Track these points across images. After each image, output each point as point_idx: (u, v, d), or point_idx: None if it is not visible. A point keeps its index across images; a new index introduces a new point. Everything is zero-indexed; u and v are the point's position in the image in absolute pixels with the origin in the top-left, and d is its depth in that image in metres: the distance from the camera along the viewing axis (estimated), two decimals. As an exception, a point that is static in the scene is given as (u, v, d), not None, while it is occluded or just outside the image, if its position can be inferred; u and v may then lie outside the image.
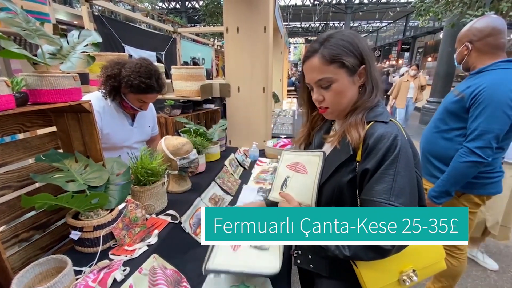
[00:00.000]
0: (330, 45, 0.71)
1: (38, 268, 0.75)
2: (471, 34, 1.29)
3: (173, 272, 0.88)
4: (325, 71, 0.72)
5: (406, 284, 0.73)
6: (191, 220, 1.17)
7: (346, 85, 0.73)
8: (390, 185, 0.65)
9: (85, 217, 0.90)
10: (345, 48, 0.71)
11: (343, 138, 0.74)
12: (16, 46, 0.75)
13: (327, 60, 0.71)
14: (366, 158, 0.69)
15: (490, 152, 1.23)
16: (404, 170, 0.66)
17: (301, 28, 22.22)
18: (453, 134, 1.38)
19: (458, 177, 1.30)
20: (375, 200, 0.66)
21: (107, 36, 3.22)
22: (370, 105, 0.74)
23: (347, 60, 0.70)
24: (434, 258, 0.78)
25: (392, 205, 0.64)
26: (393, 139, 0.66)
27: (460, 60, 1.37)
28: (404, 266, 0.74)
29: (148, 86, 1.26)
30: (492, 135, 1.20)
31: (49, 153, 0.91)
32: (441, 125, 1.43)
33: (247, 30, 1.98)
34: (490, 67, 1.27)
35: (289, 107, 5.10)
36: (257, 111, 2.17)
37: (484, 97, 1.21)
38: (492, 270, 2.11)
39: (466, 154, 1.26)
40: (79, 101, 0.90)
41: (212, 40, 7.91)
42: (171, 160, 1.26)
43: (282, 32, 4.03)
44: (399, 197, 0.65)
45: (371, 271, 0.72)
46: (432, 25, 9.42)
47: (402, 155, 0.66)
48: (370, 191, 0.68)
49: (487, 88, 1.21)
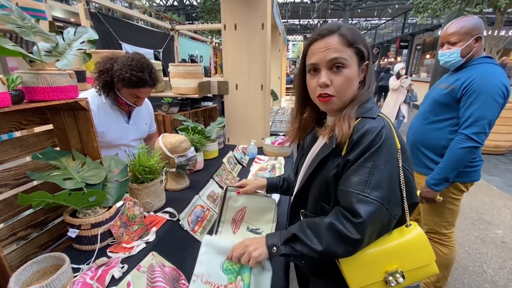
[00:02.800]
0: (348, 30, 0.70)
1: (36, 266, 0.75)
2: (480, 28, 1.35)
3: (171, 269, 0.88)
4: (343, 52, 0.69)
5: (391, 284, 0.70)
6: (189, 217, 1.17)
7: (355, 74, 0.71)
8: (366, 177, 0.64)
9: (82, 215, 0.90)
10: (360, 37, 0.71)
11: (332, 134, 0.72)
12: (11, 44, 0.75)
13: (347, 41, 0.68)
14: (350, 152, 0.68)
15: (484, 137, 1.32)
16: (384, 164, 0.65)
17: (300, 25, 22.14)
18: (444, 124, 1.46)
19: (457, 163, 1.37)
20: (350, 191, 0.66)
21: (104, 34, 3.19)
22: (364, 98, 0.73)
23: (361, 49, 0.70)
24: (423, 260, 0.74)
25: (367, 197, 0.64)
26: (377, 133, 0.66)
27: (467, 53, 1.38)
28: (388, 265, 0.71)
29: (140, 79, 1.25)
30: (486, 121, 1.30)
31: (46, 151, 0.91)
32: (431, 116, 1.51)
33: (245, 27, 1.97)
34: (474, 62, 1.39)
35: (288, 104, 5.10)
36: (255, 109, 2.16)
37: (476, 87, 1.31)
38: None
39: (463, 140, 1.34)
40: (76, 99, 0.90)
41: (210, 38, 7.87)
42: (169, 157, 1.26)
43: (280, 29, 4.01)
44: (375, 190, 0.64)
45: (353, 269, 0.71)
46: (430, 22, 9.41)
47: (384, 149, 0.65)
48: (346, 181, 0.67)
49: (477, 79, 1.31)
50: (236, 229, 1.10)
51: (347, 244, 0.65)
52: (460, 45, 1.38)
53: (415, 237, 0.73)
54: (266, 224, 1.12)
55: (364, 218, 0.63)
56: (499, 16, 4.52)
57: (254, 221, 1.12)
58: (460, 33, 1.37)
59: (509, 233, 2.57)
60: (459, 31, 1.37)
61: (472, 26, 1.35)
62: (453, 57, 1.41)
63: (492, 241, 2.46)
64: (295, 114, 0.91)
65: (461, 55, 1.39)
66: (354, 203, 0.64)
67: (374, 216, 0.64)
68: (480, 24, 1.36)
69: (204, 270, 0.81)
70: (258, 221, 1.12)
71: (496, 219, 2.82)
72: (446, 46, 1.44)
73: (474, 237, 2.50)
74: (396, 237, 0.73)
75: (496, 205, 3.09)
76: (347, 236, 0.64)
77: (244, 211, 1.12)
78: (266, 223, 1.12)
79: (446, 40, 1.43)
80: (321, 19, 19.14)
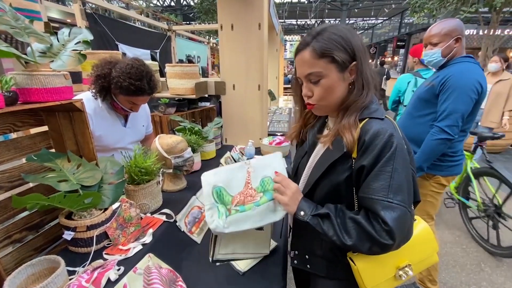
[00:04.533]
0: (322, 38, 0.69)
1: (31, 269, 0.75)
2: (460, 29, 1.44)
3: (168, 271, 0.88)
4: (315, 65, 0.70)
5: (402, 279, 0.73)
6: (186, 218, 1.16)
7: (335, 81, 0.71)
8: (388, 182, 0.65)
9: (78, 217, 0.90)
10: (336, 42, 0.69)
11: (336, 139, 0.73)
12: (4, 45, 0.74)
13: (317, 54, 0.69)
14: (363, 155, 0.68)
15: (457, 130, 1.42)
16: (402, 167, 0.66)
17: (297, 25, 22.17)
18: (425, 119, 1.55)
19: (430, 153, 1.48)
20: (374, 198, 0.65)
21: (100, 34, 3.18)
22: (362, 105, 0.72)
23: (337, 55, 0.68)
24: (428, 252, 0.79)
25: (391, 202, 0.64)
26: (389, 136, 0.66)
27: (447, 53, 1.47)
28: (400, 261, 0.74)
29: (138, 89, 1.22)
30: (459, 114, 1.39)
31: (41, 152, 0.90)
32: (414, 112, 1.61)
33: (242, 27, 1.97)
34: (455, 61, 1.47)
35: (285, 104, 5.10)
36: (252, 109, 2.16)
37: (452, 83, 1.40)
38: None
39: (437, 132, 1.44)
40: (71, 100, 0.89)
41: (207, 38, 7.86)
42: (166, 158, 1.26)
43: (278, 29, 4.02)
44: (398, 194, 0.64)
45: (368, 268, 0.72)
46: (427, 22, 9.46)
47: (399, 152, 0.66)
48: (368, 188, 0.67)
49: (454, 76, 1.40)
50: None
51: (375, 245, 0.65)
52: (441, 46, 1.47)
53: (422, 231, 0.78)
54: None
55: (392, 226, 0.63)
56: (495, 16, 4.55)
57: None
58: (441, 34, 1.46)
59: (506, 232, 2.58)
60: (439, 33, 1.46)
61: (452, 28, 1.44)
62: (435, 56, 1.49)
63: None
64: (298, 114, 0.94)
65: (442, 55, 1.48)
66: (380, 210, 0.64)
67: (400, 221, 0.64)
68: (459, 26, 1.44)
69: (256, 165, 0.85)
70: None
71: (493, 217, 2.83)
72: (429, 46, 1.53)
73: (472, 235, 2.51)
74: None
75: (493, 204, 3.11)
76: (376, 239, 0.64)
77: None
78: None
79: (429, 41, 1.52)
80: (318, 19, 19.18)
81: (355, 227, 0.67)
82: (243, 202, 0.83)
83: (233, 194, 0.84)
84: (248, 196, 0.83)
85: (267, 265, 0.95)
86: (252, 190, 0.84)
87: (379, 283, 0.74)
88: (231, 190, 0.84)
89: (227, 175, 0.84)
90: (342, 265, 0.78)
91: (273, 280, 0.88)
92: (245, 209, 0.82)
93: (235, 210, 0.82)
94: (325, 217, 0.71)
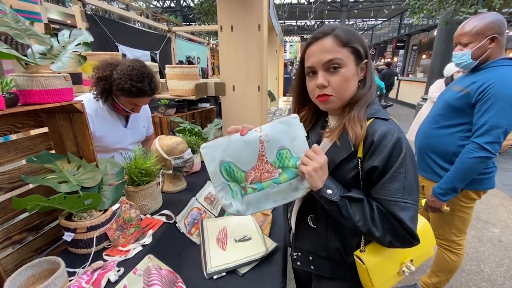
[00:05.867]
0: (343, 31, 0.71)
1: (31, 270, 0.75)
2: (497, 27, 1.22)
3: (168, 272, 0.88)
4: (338, 52, 0.69)
5: (405, 274, 0.76)
6: (186, 220, 1.16)
7: (353, 73, 0.71)
8: (403, 183, 0.67)
9: (78, 218, 0.90)
10: (356, 39, 0.71)
11: (343, 134, 0.72)
12: (5, 46, 0.74)
13: (341, 41, 0.69)
14: (372, 156, 0.68)
15: (498, 147, 1.22)
16: (412, 167, 0.68)
17: (297, 26, 22.22)
18: (455, 130, 1.36)
19: (466, 173, 1.28)
20: (391, 200, 0.67)
21: (100, 36, 3.18)
22: (370, 99, 0.74)
23: (358, 48, 0.70)
24: (427, 246, 0.82)
25: (406, 202, 0.66)
26: (397, 137, 0.67)
27: (480, 55, 1.27)
28: (404, 257, 0.78)
29: (140, 90, 1.23)
30: (501, 130, 1.19)
31: (41, 154, 0.90)
32: (442, 120, 1.41)
33: (241, 29, 1.97)
34: (494, 63, 1.26)
35: (285, 105, 5.11)
36: (252, 110, 2.17)
37: (493, 92, 1.19)
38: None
39: (475, 149, 1.23)
40: (71, 102, 0.89)
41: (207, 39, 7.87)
42: (166, 160, 1.26)
43: (277, 30, 4.03)
44: (411, 194, 0.67)
45: (377, 266, 0.74)
46: (426, 23, 9.47)
47: (409, 153, 0.67)
48: (384, 190, 0.68)
49: (495, 84, 1.19)
50: (224, 245, 1.02)
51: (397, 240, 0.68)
52: (471, 47, 1.27)
53: (423, 227, 0.80)
54: (251, 230, 1.09)
55: (411, 227, 0.66)
56: (494, 17, 4.55)
57: (238, 232, 1.09)
58: (472, 33, 1.26)
59: (506, 232, 2.58)
60: (470, 32, 1.27)
61: (487, 25, 1.23)
62: (464, 59, 1.31)
63: (489, 240, 2.47)
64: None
65: (472, 57, 1.28)
66: (398, 212, 0.66)
67: (415, 219, 0.68)
68: (497, 23, 1.22)
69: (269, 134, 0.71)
70: (242, 231, 1.09)
71: (493, 218, 2.83)
72: (458, 47, 1.34)
73: (471, 236, 2.51)
74: None
75: (493, 204, 3.11)
76: (407, 239, 0.67)
77: (225, 230, 1.11)
78: (250, 230, 1.09)
79: (458, 40, 1.33)
80: (318, 20, 19.22)
81: (382, 220, 0.68)
82: (259, 178, 0.73)
83: (246, 170, 0.73)
84: (265, 172, 0.73)
85: (267, 266, 0.95)
86: (269, 165, 0.73)
87: (385, 280, 0.76)
88: (242, 166, 0.73)
89: (236, 147, 0.72)
90: (347, 265, 0.79)
91: (273, 281, 0.88)
92: (263, 187, 0.73)
93: (251, 188, 0.73)
94: (356, 201, 0.69)
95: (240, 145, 0.72)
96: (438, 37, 6.41)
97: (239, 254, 0.97)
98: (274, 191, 0.74)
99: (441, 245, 1.59)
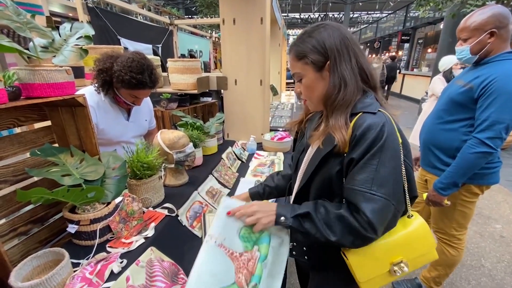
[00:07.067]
0: (300, 42, 0.76)
1: (36, 261, 0.76)
2: (497, 21, 1.21)
3: (170, 264, 0.89)
4: (295, 67, 0.78)
5: (397, 274, 0.74)
6: (188, 213, 1.18)
7: (313, 80, 0.76)
8: (372, 174, 0.65)
9: (81, 211, 0.91)
10: (311, 45, 0.74)
11: (327, 136, 0.73)
12: (6, 40, 0.74)
13: (296, 57, 0.77)
14: (353, 149, 0.69)
15: (500, 142, 1.22)
16: (389, 160, 0.66)
17: (300, 19, 21.92)
18: (458, 125, 1.36)
19: (467, 168, 1.29)
20: (356, 189, 0.67)
21: (102, 29, 3.17)
22: (350, 99, 0.72)
23: (311, 58, 0.74)
24: (425, 248, 0.78)
25: (374, 194, 0.65)
26: (379, 130, 0.66)
27: (479, 50, 1.27)
28: (394, 257, 0.74)
29: (140, 82, 1.23)
30: (503, 125, 1.19)
31: (44, 147, 0.91)
32: (445, 116, 1.41)
33: (244, 22, 1.95)
34: (498, 57, 1.25)
35: (288, 100, 5.08)
36: (254, 104, 2.16)
37: (496, 87, 1.19)
38: (487, 260, 2.14)
39: (476, 145, 1.24)
40: (73, 95, 0.90)
41: (209, 32, 7.80)
42: (167, 153, 1.27)
43: (280, 23, 3.98)
44: (382, 187, 0.65)
45: (360, 262, 0.73)
46: (432, 16, 9.30)
47: (388, 146, 0.66)
48: (352, 180, 0.68)
49: (498, 79, 1.19)
50: None
51: (358, 238, 0.67)
52: (470, 42, 1.28)
53: (417, 228, 0.76)
54: None
55: (370, 217, 0.64)
56: (503, 9, 4.45)
57: None
58: (470, 29, 1.27)
59: (508, 228, 2.58)
60: (468, 27, 1.27)
61: (485, 20, 1.23)
62: (464, 54, 1.32)
63: (490, 235, 2.47)
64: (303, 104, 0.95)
65: (471, 53, 1.29)
66: (361, 202, 0.66)
67: (381, 213, 0.65)
68: (496, 16, 1.21)
69: (220, 232, 0.73)
70: None
71: (495, 213, 2.83)
72: (459, 42, 1.34)
73: (473, 232, 2.51)
74: (400, 229, 0.75)
75: (496, 200, 3.10)
76: (360, 232, 0.66)
77: None
78: None
79: (458, 36, 1.34)
80: (322, 13, 18.94)
81: (338, 222, 0.68)
82: (250, 273, 0.70)
83: (233, 281, 0.69)
84: (248, 262, 0.71)
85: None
86: (244, 255, 0.71)
87: (373, 277, 0.74)
88: (228, 280, 0.68)
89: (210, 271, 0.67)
90: (340, 258, 0.79)
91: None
92: (259, 275, 0.70)
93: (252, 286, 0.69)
94: (305, 216, 0.73)
95: (211, 266, 0.68)
96: (445, 30, 6.30)
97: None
98: (270, 267, 0.73)
99: (440, 239, 1.60)
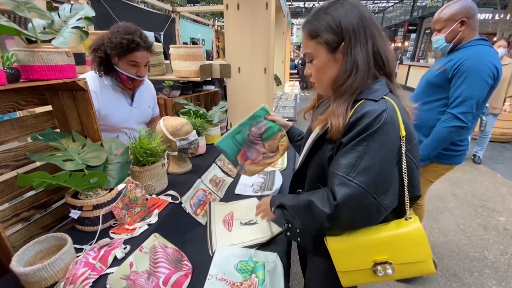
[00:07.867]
0: (314, 19, 0.70)
1: (38, 246, 0.76)
2: (465, 11, 1.37)
3: (174, 250, 0.89)
4: (307, 46, 0.73)
5: (379, 275, 0.69)
6: (191, 200, 1.17)
7: (325, 62, 0.71)
8: (355, 161, 0.62)
9: (84, 197, 0.90)
10: (326, 23, 0.68)
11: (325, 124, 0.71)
12: (4, 19, 0.72)
13: (308, 35, 0.72)
14: (345, 134, 0.66)
15: (471, 117, 1.36)
16: (378, 150, 0.62)
17: (305, 8, 21.47)
18: (434, 105, 1.49)
19: (441, 141, 1.43)
20: (335, 172, 0.65)
21: (103, 15, 3.12)
22: (357, 86, 0.68)
23: (324, 37, 0.68)
24: (417, 255, 0.69)
25: (351, 181, 0.62)
26: (375, 117, 0.61)
27: (452, 38, 1.43)
28: (377, 255, 0.69)
29: (131, 41, 1.20)
30: (473, 101, 1.33)
31: (46, 132, 0.90)
32: (423, 97, 1.54)
33: (248, 7, 1.89)
34: (469, 43, 1.41)
35: (291, 90, 5.02)
36: (258, 93, 2.12)
37: (466, 67, 1.33)
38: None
39: (450, 119, 1.38)
40: (74, 79, 0.87)
41: (212, 21, 7.67)
42: (171, 141, 1.25)
43: (285, 11, 3.89)
44: (361, 175, 0.61)
45: (339, 251, 0.71)
46: (441, 5, 9.06)
47: (380, 134, 0.61)
48: (335, 163, 0.67)
49: (468, 60, 1.34)
50: (230, 227, 1.07)
51: (321, 220, 0.66)
52: (444, 32, 1.43)
53: (410, 232, 0.69)
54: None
55: (338, 201, 0.62)
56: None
57: (245, 216, 1.13)
58: (443, 20, 1.43)
59: (512, 220, 2.57)
60: (441, 18, 1.43)
61: (455, 11, 1.39)
62: (439, 43, 1.47)
63: (494, 227, 2.46)
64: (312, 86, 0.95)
65: (446, 41, 1.45)
66: (335, 185, 0.64)
67: (352, 200, 0.62)
68: (465, 8, 1.37)
69: (219, 270, 0.84)
70: (248, 216, 1.12)
71: (500, 206, 2.81)
72: (434, 33, 1.51)
73: (477, 224, 2.50)
74: (391, 228, 0.70)
75: (500, 193, 3.08)
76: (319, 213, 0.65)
77: (232, 213, 1.15)
78: None
79: (433, 27, 1.50)
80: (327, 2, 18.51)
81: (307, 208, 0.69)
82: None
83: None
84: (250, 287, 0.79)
85: (271, 246, 0.96)
86: (245, 284, 0.80)
87: (353, 270, 0.72)
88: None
89: None
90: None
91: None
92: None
93: None
94: (280, 207, 0.79)
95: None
96: (453, 19, 6.13)
97: (245, 236, 1.00)
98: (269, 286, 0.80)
99: None
